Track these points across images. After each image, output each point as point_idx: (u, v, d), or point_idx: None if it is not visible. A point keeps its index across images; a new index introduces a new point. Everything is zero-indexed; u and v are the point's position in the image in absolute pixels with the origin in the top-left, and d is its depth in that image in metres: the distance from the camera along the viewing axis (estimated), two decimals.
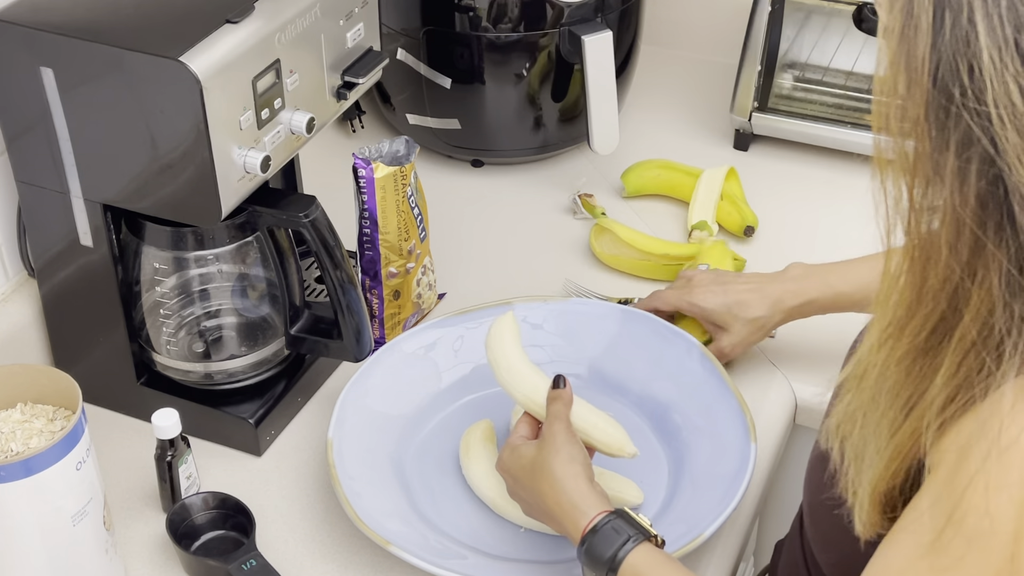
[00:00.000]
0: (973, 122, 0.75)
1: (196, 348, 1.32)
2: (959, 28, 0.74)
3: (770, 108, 1.70)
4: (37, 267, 1.29)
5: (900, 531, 0.85)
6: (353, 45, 1.27)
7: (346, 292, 1.24)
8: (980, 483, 0.78)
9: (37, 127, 1.17)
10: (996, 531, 0.78)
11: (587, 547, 1.02)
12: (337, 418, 1.25)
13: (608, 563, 1.01)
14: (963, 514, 0.79)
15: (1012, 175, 0.74)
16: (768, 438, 1.31)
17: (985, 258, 0.77)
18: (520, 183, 1.70)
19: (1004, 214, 0.76)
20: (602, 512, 1.03)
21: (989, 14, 0.73)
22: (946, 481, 0.81)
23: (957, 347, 0.79)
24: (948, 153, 0.76)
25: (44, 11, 1.13)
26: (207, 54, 1.08)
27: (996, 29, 0.73)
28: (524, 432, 1.15)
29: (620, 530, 1.02)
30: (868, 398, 0.87)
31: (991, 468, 0.77)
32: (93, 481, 1.06)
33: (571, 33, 1.57)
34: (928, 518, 0.82)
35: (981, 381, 0.79)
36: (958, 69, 0.74)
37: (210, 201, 1.13)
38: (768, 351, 1.41)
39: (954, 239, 0.77)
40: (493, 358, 1.19)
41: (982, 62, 0.73)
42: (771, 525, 1.54)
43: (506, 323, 1.20)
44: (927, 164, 0.77)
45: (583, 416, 1.14)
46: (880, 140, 0.80)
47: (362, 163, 1.33)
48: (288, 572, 1.17)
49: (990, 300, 0.77)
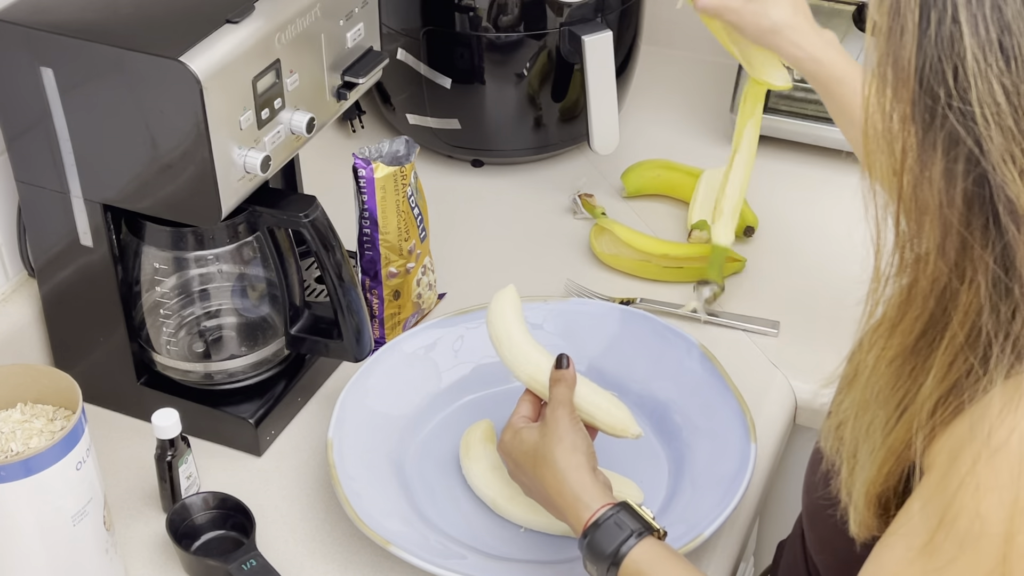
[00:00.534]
0: (958, 122, 0.75)
1: (196, 348, 1.32)
2: (944, 28, 0.74)
3: (770, 108, 1.70)
4: (37, 267, 1.29)
5: (893, 534, 0.85)
6: (353, 45, 1.28)
7: (346, 292, 1.24)
8: (971, 485, 0.78)
9: (37, 127, 1.17)
10: (987, 533, 0.78)
11: (589, 541, 1.02)
12: (337, 418, 1.25)
13: (610, 558, 1.01)
14: (954, 516, 0.79)
15: (996, 175, 0.75)
16: (768, 438, 1.31)
17: (972, 259, 0.77)
18: (520, 183, 1.70)
19: (990, 215, 0.76)
20: (605, 505, 1.03)
21: (973, 15, 0.74)
22: (937, 484, 0.81)
23: (947, 349, 0.79)
24: (935, 153, 0.76)
25: (44, 11, 1.13)
26: (207, 54, 1.08)
27: (980, 29, 0.74)
28: (526, 412, 1.14)
29: (623, 525, 1.02)
30: (860, 399, 0.87)
31: (981, 470, 0.77)
32: (93, 481, 1.06)
33: (571, 33, 1.57)
34: (920, 520, 0.82)
35: (971, 384, 0.79)
36: (943, 70, 0.74)
37: (210, 201, 1.13)
38: (768, 351, 1.41)
39: (942, 240, 0.78)
40: (494, 334, 1.17)
41: (966, 62, 0.74)
42: (771, 525, 1.54)
43: (507, 297, 1.18)
44: (914, 164, 0.77)
45: (586, 397, 1.13)
46: (868, 141, 0.80)
47: (362, 163, 1.33)
48: (288, 572, 1.17)
49: (978, 302, 0.77)
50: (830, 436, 0.93)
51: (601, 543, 1.02)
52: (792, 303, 1.48)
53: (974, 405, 0.79)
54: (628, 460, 1.24)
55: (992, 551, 0.78)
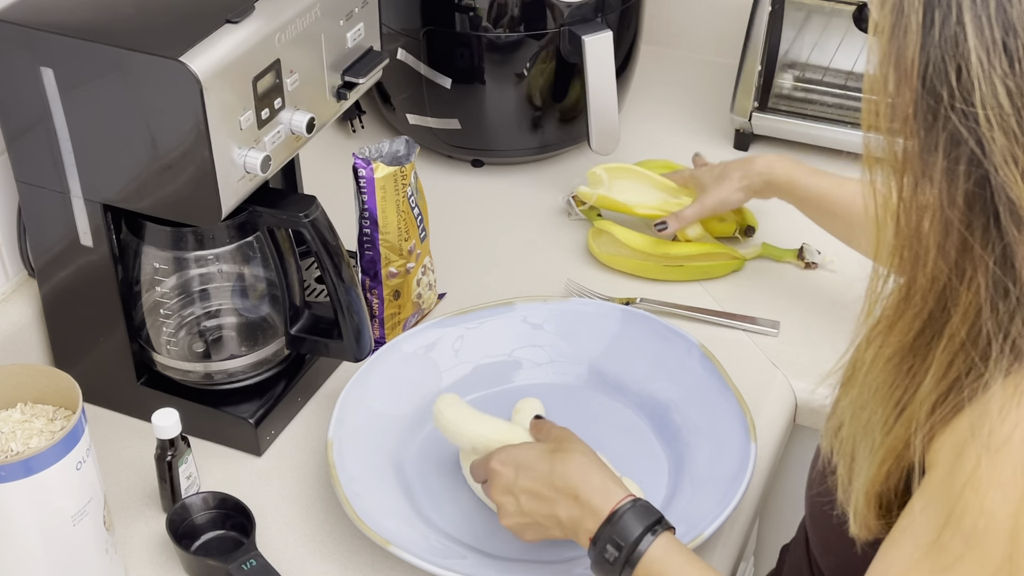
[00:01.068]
0: (960, 123, 0.75)
1: (196, 348, 1.32)
2: (948, 29, 0.74)
3: (770, 108, 1.71)
4: (37, 267, 1.29)
5: (899, 533, 0.85)
6: (353, 45, 1.28)
7: (346, 292, 1.24)
8: (976, 482, 0.78)
9: (37, 127, 1.17)
10: (993, 529, 0.78)
11: (623, 515, 1.02)
12: (337, 418, 1.25)
13: (651, 528, 1.01)
14: (960, 514, 0.79)
15: (998, 176, 0.75)
16: (768, 438, 1.31)
17: (973, 259, 0.77)
18: (520, 183, 1.70)
19: (990, 216, 0.76)
20: (629, 496, 1.04)
21: (978, 15, 0.74)
22: (942, 481, 0.81)
23: (946, 347, 0.80)
24: (936, 154, 0.76)
25: (44, 11, 1.13)
26: (207, 54, 1.08)
27: (984, 30, 0.74)
28: None
29: (649, 512, 1.02)
30: (858, 398, 0.87)
31: (985, 467, 0.78)
32: (93, 481, 1.06)
33: (571, 33, 1.57)
34: (926, 519, 0.82)
35: (971, 382, 0.79)
36: (946, 70, 0.74)
37: (210, 201, 1.13)
38: (768, 351, 1.41)
39: (942, 239, 0.78)
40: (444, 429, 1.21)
41: (970, 63, 0.74)
42: (771, 525, 1.54)
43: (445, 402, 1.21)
44: (916, 164, 0.78)
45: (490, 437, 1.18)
46: (870, 139, 0.80)
47: (362, 163, 1.33)
48: (288, 572, 1.17)
49: (978, 301, 0.78)
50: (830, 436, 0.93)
51: (641, 515, 1.02)
52: (792, 303, 1.48)
53: (974, 403, 0.79)
54: (628, 460, 1.24)
55: (999, 547, 0.78)
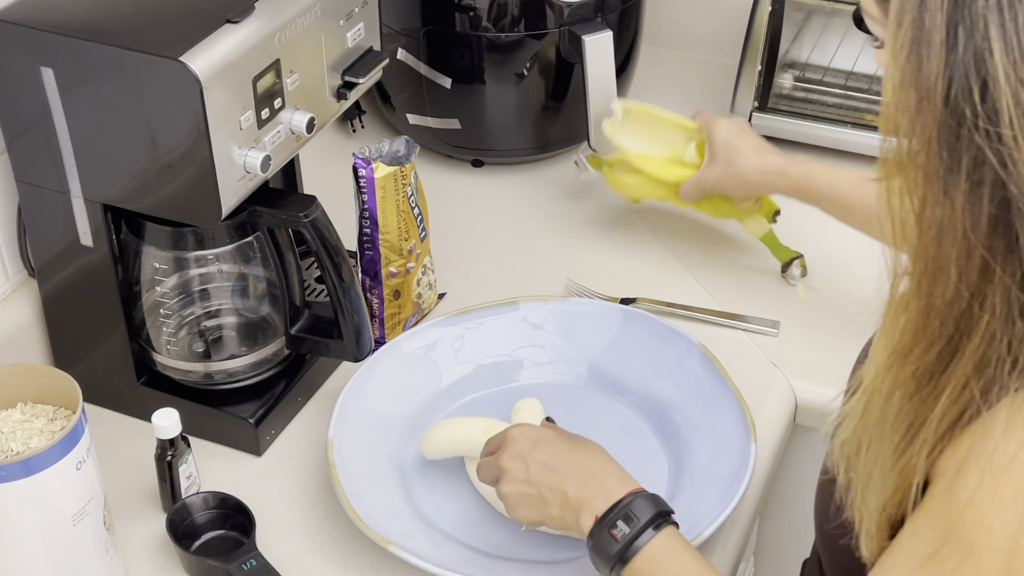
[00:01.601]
0: (984, 143, 0.72)
1: (196, 348, 1.32)
2: (973, 45, 0.72)
3: (770, 108, 1.71)
4: (37, 267, 1.29)
5: (898, 544, 0.85)
6: (353, 45, 1.28)
7: (346, 292, 1.24)
8: (977, 498, 0.77)
9: (37, 127, 1.17)
10: (992, 546, 0.78)
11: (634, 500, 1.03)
12: (337, 418, 1.25)
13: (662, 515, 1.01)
14: (960, 529, 0.79)
15: (1022, 199, 0.72)
16: (768, 438, 1.31)
17: (992, 282, 0.75)
18: (520, 183, 1.70)
19: (1013, 238, 0.74)
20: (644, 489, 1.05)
21: (1005, 29, 0.71)
22: (942, 495, 0.80)
23: (961, 371, 0.78)
24: (959, 175, 0.73)
25: (44, 11, 1.13)
26: (207, 54, 1.08)
27: (1012, 45, 0.71)
28: None
29: (662, 504, 1.03)
30: (872, 424, 0.85)
31: (987, 486, 0.77)
32: (93, 481, 1.06)
33: (571, 33, 1.57)
34: (926, 532, 0.82)
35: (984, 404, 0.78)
36: (971, 88, 0.72)
37: (210, 201, 1.13)
38: (768, 351, 1.41)
39: (964, 263, 0.75)
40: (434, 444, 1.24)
41: (997, 81, 0.71)
42: (771, 525, 1.54)
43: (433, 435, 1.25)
44: (936, 187, 0.75)
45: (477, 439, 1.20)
46: (887, 159, 0.78)
47: (362, 163, 1.33)
48: (288, 572, 1.17)
49: (993, 325, 0.76)
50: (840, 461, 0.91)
51: (655, 503, 1.02)
52: (792, 303, 1.48)
53: (980, 420, 0.78)
54: (628, 460, 1.24)
55: (997, 564, 0.78)
